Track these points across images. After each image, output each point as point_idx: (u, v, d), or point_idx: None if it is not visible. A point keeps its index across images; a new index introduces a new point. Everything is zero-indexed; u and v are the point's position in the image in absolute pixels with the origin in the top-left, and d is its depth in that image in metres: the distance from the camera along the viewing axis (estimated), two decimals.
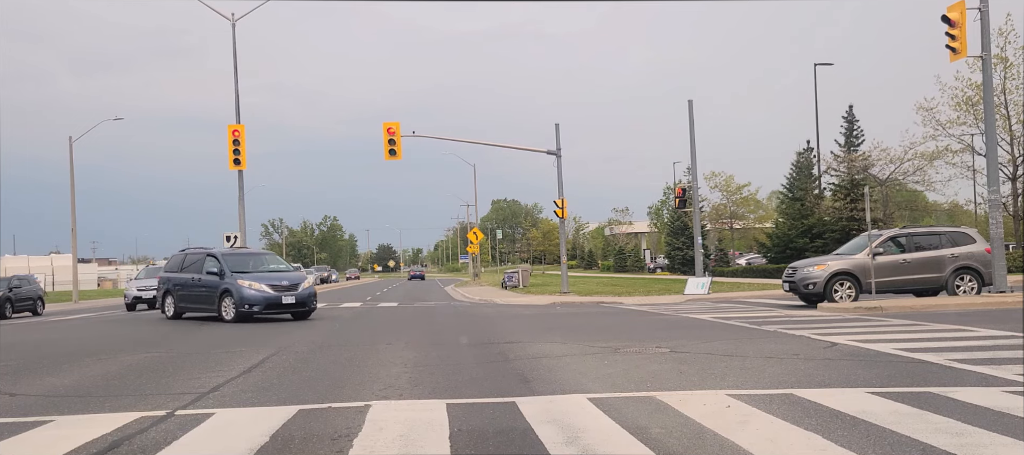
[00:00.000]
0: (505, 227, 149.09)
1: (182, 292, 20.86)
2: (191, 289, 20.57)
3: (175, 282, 21.19)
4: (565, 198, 33.27)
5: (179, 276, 21.17)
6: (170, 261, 22.69)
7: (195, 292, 20.40)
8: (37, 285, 32.27)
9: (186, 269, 21.13)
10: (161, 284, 21.89)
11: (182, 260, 21.72)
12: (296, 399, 7.64)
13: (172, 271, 21.81)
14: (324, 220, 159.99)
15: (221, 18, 35.22)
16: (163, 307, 21.46)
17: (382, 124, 31.26)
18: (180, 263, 21.70)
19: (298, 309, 19.59)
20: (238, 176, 35.51)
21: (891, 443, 5.30)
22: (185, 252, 22.42)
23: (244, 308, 18.82)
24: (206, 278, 20.04)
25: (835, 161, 43.49)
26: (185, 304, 20.80)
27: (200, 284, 20.22)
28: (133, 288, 30.42)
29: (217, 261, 20.10)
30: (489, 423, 6.29)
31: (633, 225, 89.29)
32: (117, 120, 45.74)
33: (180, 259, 21.93)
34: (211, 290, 19.73)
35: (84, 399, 8.11)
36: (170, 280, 21.47)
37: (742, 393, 7.30)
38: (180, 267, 21.51)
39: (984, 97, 22.17)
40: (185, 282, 20.84)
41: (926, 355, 9.54)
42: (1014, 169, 35.12)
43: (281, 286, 19.35)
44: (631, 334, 13.55)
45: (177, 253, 22.81)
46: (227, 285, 19.28)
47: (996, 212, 20.55)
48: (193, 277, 20.50)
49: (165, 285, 21.56)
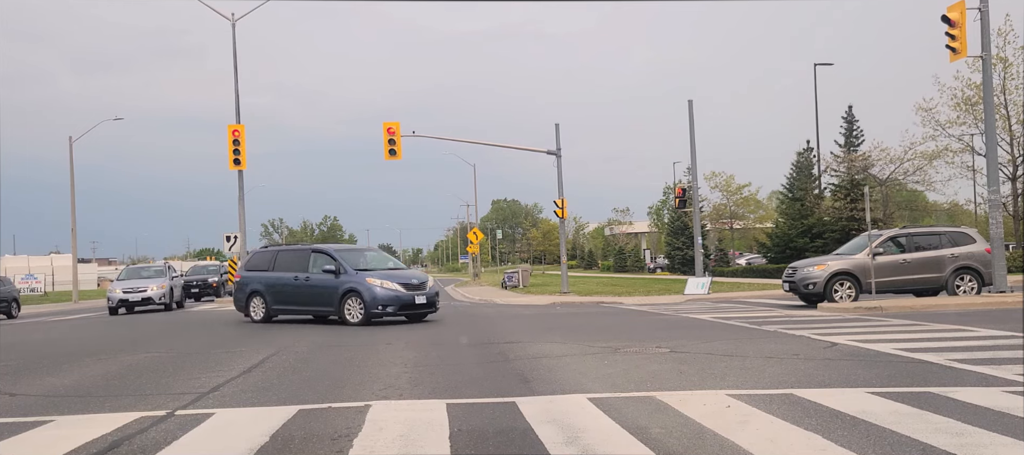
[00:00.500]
0: (505, 227, 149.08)
1: (280, 292, 18.88)
2: (295, 289, 18.60)
3: (267, 282, 19.10)
4: (565, 198, 33.28)
5: (272, 276, 19.10)
6: (251, 259, 20.66)
7: (301, 292, 18.48)
8: (12, 286, 30.93)
9: (280, 267, 19.15)
10: (243, 285, 19.71)
11: (272, 258, 19.74)
12: (296, 399, 7.64)
13: (257, 270, 19.75)
14: (324, 220, 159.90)
15: (221, 18, 35.24)
16: (247, 309, 19.38)
17: (382, 124, 31.28)
18: (268, 261, 19.68)
19: (428, 310, 18.28)
20: (238, 176, 35.55)
21: (891, 443, 5.30)
22: (272, 249, 20.83)
23: (377, 309, 17.17)
24: (318, 277, 18.14)
25: (835, 161, 43.50)
26: (283, 305, 18.91)
27: (309, 284, 18.31)
28: (118, 290, 28.09)
29: (332, 258, 18.36)
30: (489, 423, 6.29)
31: (633, 225, 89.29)
32: (117, 120, 45.77)
33: (268, 257, 20.00)
34: (327, 290, 17.88)
35: (84, 399, 8.11)
36: (258, 280, 19.37)
37: (742, 393, 7.30)
38: (269, 265, 19.48)
39: (984, 97, 22.17)
40: (283, 282, 18.81)
41: (926, 355, 9.54)
42: (1014, 169, 35.13)
43: (412, 285, 17.90)
44: (631, 334, 13.55)
45: (259, 250, 21.06)
46: (353, 284, 17.49)
47: (996, 212, 20.55)
48: (295, 276, 18.56)
49: (251, 286, 19.42)
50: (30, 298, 47.96)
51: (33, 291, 52.19)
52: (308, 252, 19.21)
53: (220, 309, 28.22)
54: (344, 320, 17.40)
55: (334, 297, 17.70)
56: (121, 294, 27.53)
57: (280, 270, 19.13)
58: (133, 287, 27.83)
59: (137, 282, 28.64)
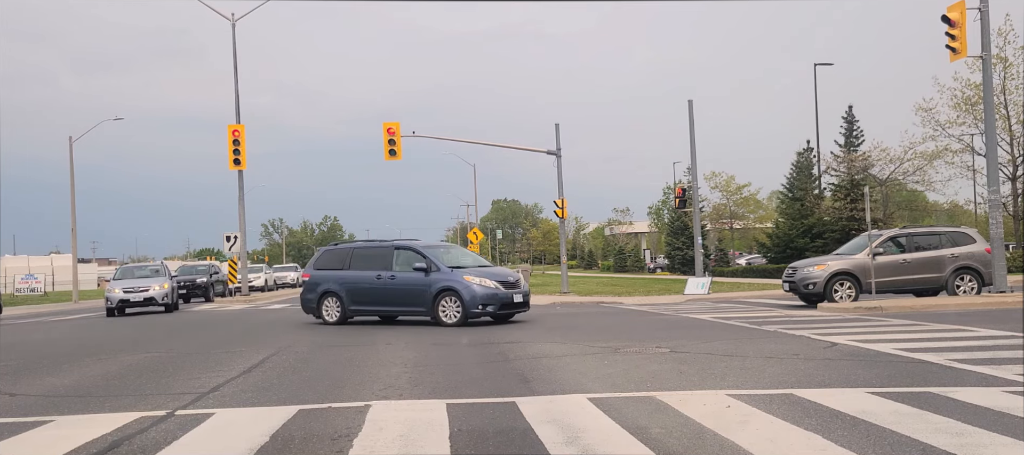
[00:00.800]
0: (505, 227, 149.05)
1: (360, 292, 17.73)
2: (378, 289, 17.53)
3: (344, 281, 17.92)
4: (565, 198, 33.28)
5: (349, 274, 17.96)
6: (320, 258, 19.25)
7: (386, 292, 17.45)
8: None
9: (357, 266, 18.04)
10: (314, 285, 18.42)
11: (346, 255, 18.53)
12: (296, 399, 7.64)
13: (329, 268, 18.49)
14: (324, 220, 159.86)
15: (221, 18, 35.27)
16: (319, 311, 18.12)
17: (382, 124, 31.28)
18: (342, 259, 18.47)
19: (523, 308, 17.55)
20: (238, 176, 35.60)
21: (891, 443, 5.30)
22: (344, 246, 19.60)
23: (476, 308, 16.34)
24: (406, 275, 17.20)
25: (835, 161, 43.51)
26: (363, 306, 17.84)
27: (395, 283, 17.32)
28: (117, 290, 26.61)
29: (422, 255, 17.32)
30: (489, 423, 6.30)
31: (633, 225, 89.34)
32: (117, 120, 45.79)
33: (341, 255, 18.74)
34: (417, 289, 16.92)
35: (84, 399, 8.11)
36: (332, 279, 18.12)
37: (742, 393, 7.30)
38: (344, 263, 18.30)
39: (984, 97, 22.18)
40: (363, 281, 17.71)
41: (926, 355, 9.54)
42: (1014, 169, 35.15)
43: (509, 283, 17.13)
44: (631, 334, 13.55)
45: (329, 248, 19.73)
46: (448, 282, 16.59)
47: (996, 212, 20.55)
48: (378, 275, 17.51)
49: (324, 285, 18.17)
50: (30, 298, 47.96)
51: (33, 291, 52.12)
52: (391, 249, 18.13)
53: (221, 308, 28.23)
54: (439, 321, 16.48)
55: (426, 296, 16.79)
56: (122, 294, 26.35)
57: (357, 268, 18.03)
58: (134, 287, 26.68)
59: (138, 281, 27.47)
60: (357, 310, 17.95)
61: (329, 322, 17.84)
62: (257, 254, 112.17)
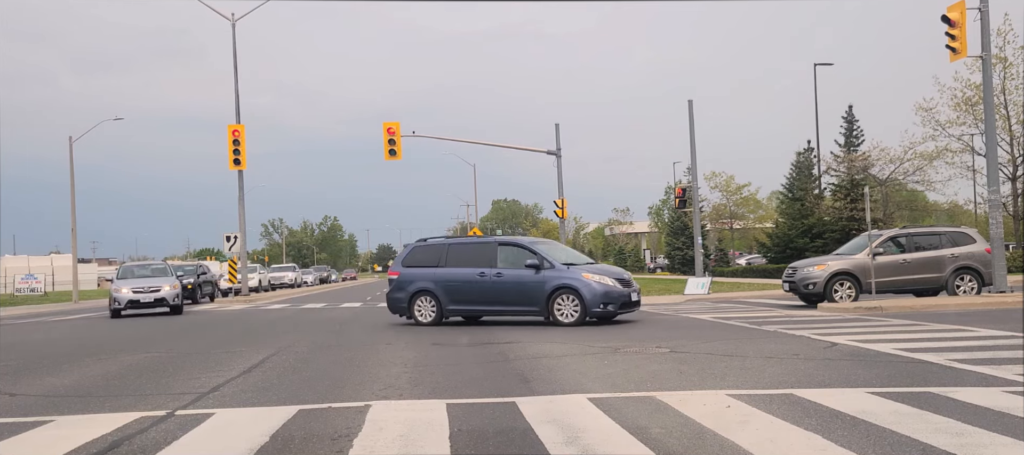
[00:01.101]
0: (505, 227, 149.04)
1: (460, 291, 16.75)
2: (481, 287, 16.54)
3: (440, 279, 16.87)
4: (565, 198, 33.33)
5: (446, 272, 16.92)
6: (409, 254, 17.96)
7: (491, 290, 16.46)
8: None
9: (454, 262, 17.00)
10: (405, 283, 17.24)
11: (441, 252, 17.36)
12: (296, 399, 7.64)
13: (421, 265, 17.34)
14: (324, 220, 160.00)
15: (221, 18, 35.29)
16: (410, 311, 17.01)
17: (382, 124, 31.35)
18: (436, 256, 17.32)
19: (636, 308, 16.70)
20: (238, 176, 35.62)
21: (891, 443, 5.30)
22: (438, 241, 18.14)
23: (597, 307, 15.46)
24: (514, 272, 16.27)
25: (835, 161, 43.52)
26: (463, 306, 16.87)
27: (502, 280, 16.37)
28: (125, 289, 24.88)
29: (532, 252, 16.49)
30: (489, 423, 6.30)
31: (633, 225, 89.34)
32: (117, 120, 45.78)
33: (434, 251, 17.49)
34: (529, 287, 16.00)
35: (84, 399, 8.11)
36: (426, 277, 17.01)
37: (742, 393, 7.30)
38: (439, 260, 17.18)
39: (984, 97, 22.18)
40: (464, 279, 16.70)
41: (926, 355, 9.54)
42: (1014, 169, 35.13)
43: (624, 280, 16.30)
44: (631, 334, 13.54)
45: (419, 245, 18.20)
46: (565, 280, 15.71)
47: (996, 212, 20.55)
48: (481, 272, 16.51)
49: (417, 284, 17.02)
50: (30, 298, 47.97)
51: (33, 291, 52.11)
52: (494, 245, 17.19)
53: (221, 309, 28.23)
54: (555, 320, 15.61)
55: (538, 295, 15.88)
56: (131, 294, 24.64)
57: (455, 265, 16.97)
58: (144, 286, 24.95)
59: (148, 281, 25.63)
60: (456, 310, 16.98)
61: (422, 323, 16.72)
62: (257, 254, 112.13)
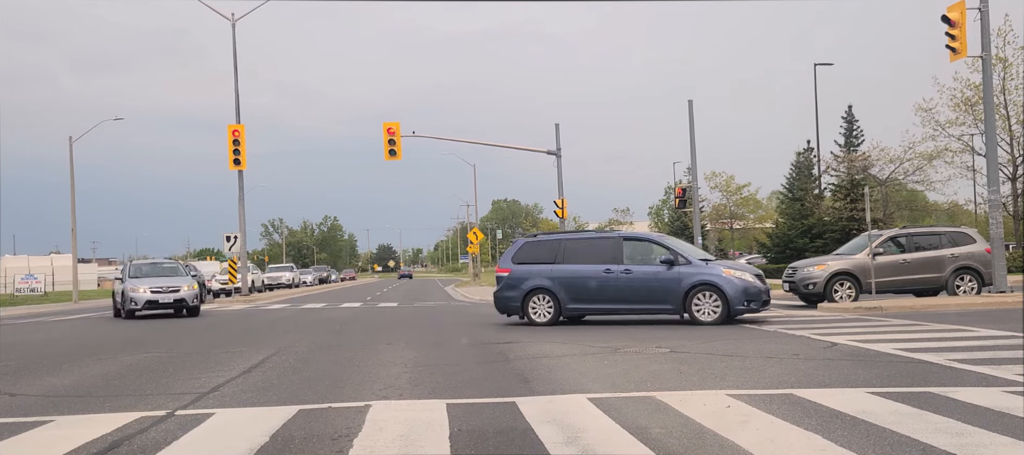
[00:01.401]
0: (505, 227, 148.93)
1: (582, 288, 15.85)
2: (606, 284, 15.65)
3: (559, 276, 15.97)
4: (565, 198, 33.32)
5: (565, 268, 16.00)
6: (519, 251, 16.94)
7: (618, 288, 15.58)
8: None
9: (570, 258, 16.11)
10: (517, 281, 16.29)
11: (556, 247, 16.46)
12: (296, 399, 7.64)
13: (534, 262, 16.40)
14: (324, 220, 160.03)
15: (221, 18, 35.28)
16: (524, 310, 16.12)
17: (382, 124, 31.34)
18: (550, 252, 16.45)
19: (768, 305, 16.10)
20: (238, 176, 35.60)
21: (891, 443, 5.30)
22: (550, 237, 17.51)
23: (742, 305, 14.86)
24: (644, 269, 15.54)
25: (835, 161, 43.52)
26: (585, 304, 15.96)
27: (630, 277, 15.52)
28: (142, 289, 22.87)
29: (665, 247, 15.84)
30: (489, 423, 6.30)
31: (633, 225, 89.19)
32: (117, 120, 45.75)
33: (547, 247, 16.66)
34: (663, 283, 15.27)
35: (84, 399, 8.11)
36: (542, 274, 16.09)
37: (742, 393, 7.30)
38: (553, 256, 16.31)
39: (984, 97, 22.17)
40: (587, 275, 15.83)
41: (926, 355, 9.54)
42: (1014, 169, 35.13)
43: (759, 275, 15.74)
44: (631, 334, 13.54)
45: (529, 240, 17.52)
46: (705, 276, 15.08)
47: (996, 212, 20.55)
48: (606, 269, 15.67)
49: (532, 282, 16.09)
50: (30, 298, 47.96)
51: (33, 291, 52.07)
52: (619, 240, 16.48)
53: (221, 309, 28.21)
54: (693, 319, 14.94)
55: (675, 292, 15.18)
56: (149, 294, 22.69)
57: (572, 262, 16.08)
58: (163, 286, 23.00)
59: (166, 280, 23.64)
60: (577, 309, 16.08)
61: (537, 323, 15.84)
62: (257, 254, 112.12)
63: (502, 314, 16.96)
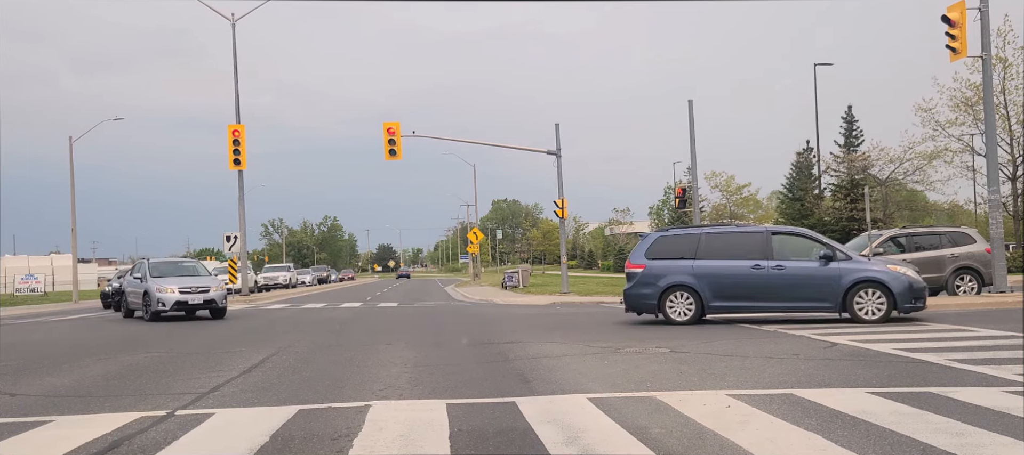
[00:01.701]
0: (505, 227, 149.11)
1: (728, 285, 15.05)
2: (759, 280, 14.86)
3: (702, 272, 15.19)
4: (565, 198, 33.29)
5: (710, 264, 15.20)
6: (653, 245, 15.97)
7: (769, 284, 14.82)
8: None
9: (711, 254, 15.32)
10: (654, 277, 15.45)
11: (693, 242, 15.61)
12: (296, 399, 7.64)
13: (671, 257, 15.57)
14: (324, 220, 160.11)
15: (221, 18, 35.27)
16: (661, 308, 15.30)
17: (382, 124, 31.32)
18: (688, 246, 15.63)
19: (925, 304, 15.33)
20: (238, 176, 35.59)
21: (891, 443, 5.30)
22: (685, 231, 16.65)
23: (908, 303, 14.26)
24: (797, 264, 14.84)
25: (835, 161, 43.53)
26: (732, 301, 15.13)
27: (784, 273, 14.78)
28: (173, 289, 21.27)
29: (822, 242, 15.32)
30: (489, 423, 6.30)
31: (633, 225, 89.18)
32: (117, 120, 45.78)
33: (684, 241, 15.83)
34: (820, 280, 14.58)
35: (84, 399, 8.11)
36: (683, 270, 15.34)
37: (742, 393, 7.30)
38: (692, 252, 15.48)
39: (984, 97, 22.18)
40: (734, 271, 15.04)
41: (926, 355, 9.54)
42: (1014, 169, 35.14)
43: (918, 271, 15.26)
44: (631, 334, 13.54)
45: (662, 234, 16.48)
46: (870, 273, 14.39)
47: (996, 212, 20.55)
48: (756, 264, 14.91)
49: (671, 278, 15.30)
50: (30, 298, 47.96)
51: (33, 291, 52.06)
52: (766, 234, 15.59)
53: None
54: (854, 317, 14.26)
55: (833, 289, 14.47)
56: (178, 295, 21.21)
57: (715, 257, 15.34)
58: (192, 286, 21.56)
59: (194, 280, 22.19)
60: (722, 306, 15.25)
61: (676, 321, 15.07)
62: (257, 254, 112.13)
63: (632, 313, 16.04)
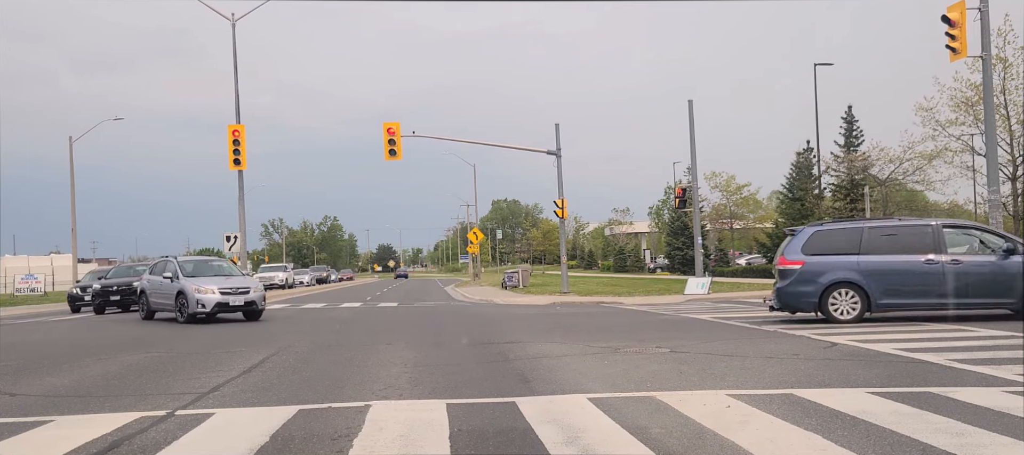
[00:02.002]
0: (505, 227, 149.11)
1: (899, 281, 14.14)
2: (932, 276, 13.98)
3: (869, 268, 14.21)
4: (565, 198, 33.28)
5: (877, 259, 14.24)
6: (809, 240, 14.81)
7: (947, 281, 13.97)
8: None
9: (875, 248, 14.36)
10: (814, 274, 14.42)
11: (855, 237, 14.55)
12: (296, 399, 7.64)
13: (829, 252, 14.52)
14: (324, 220, 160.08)
15: (221, 18, 35.24)
16: (823, 306, 14.34)
17: (382, 124, 31.30)
18: (850, 241, 14.56)
19: None
20: (238, 176, 35.56)
21: (891, 443, 5.30)
22: (852, 225, 15.15)
23: None
24: (978, 259, 14.03)
25: (835, 161, 43.50)
26: (903, 298, 14.22)
27: (962, 268, 13.93)
28: (213, 290, 20.07)
29: (1000, 236, 14.56)
30: (489, 423, 6.30)
31: (633, 225, 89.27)
32: (117, 120, 45.91)
33: (847, 236, 14.68)
34: (1002, 276, 13.82)
35: (84, 399, 8.11)
36: (847, 266, 14.32)
37: (742, 393, 7.30)
38: (853, 246, 14.47)
39: (984, 97, 22.18)
40: (904, 267, 14.13)
41: (926, 355, 9.54)
42: (1014, 169, 35.10)
43: None
44: (631, 334, 13.54)
45: (820, 227, 15.23)
46: None
47: (996, 212, 20.55)
48: (927, 259, 14.03)
49: (833, 274, 14.33)
50: (30, 298, 47.96)
51: (33, 291, 52.05)
52: (937, 226, 14.47)
53: None
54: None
55: (1017, 286, 13.70)
56: (219, 296, 20.06)
57: (880, 251, 14.34)
58: (231, 287, 20.43)
59: (231, 281, 20.91)
60: (891, 303, 14.29)
61: (840, 320, 14.15)
62: (257, 254, 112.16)
63: (784, 311, 15.13)
